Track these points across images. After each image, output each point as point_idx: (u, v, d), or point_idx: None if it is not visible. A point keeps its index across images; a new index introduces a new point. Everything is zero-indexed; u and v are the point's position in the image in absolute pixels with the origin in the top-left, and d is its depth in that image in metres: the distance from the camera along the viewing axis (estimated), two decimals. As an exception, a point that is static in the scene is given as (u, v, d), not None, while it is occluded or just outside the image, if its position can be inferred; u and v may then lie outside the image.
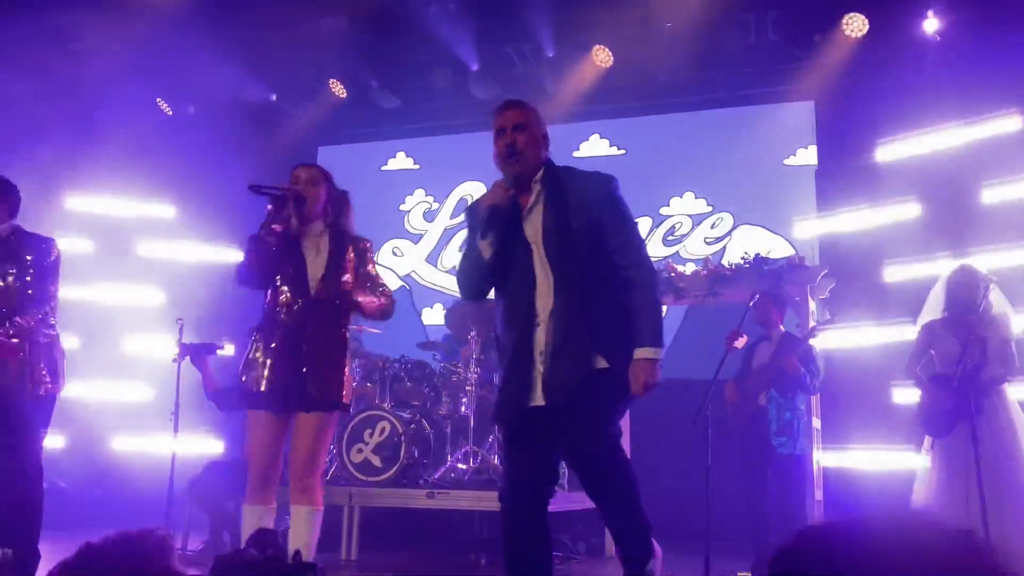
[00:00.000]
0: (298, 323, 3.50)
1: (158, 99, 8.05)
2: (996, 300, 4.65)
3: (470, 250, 3.05)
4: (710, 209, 7.77)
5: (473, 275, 3.04)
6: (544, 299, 2.89)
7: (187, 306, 6.93)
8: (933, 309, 4.87)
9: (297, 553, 2.59)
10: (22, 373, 3.70)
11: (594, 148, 8.14)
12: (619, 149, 8.19)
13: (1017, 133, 5.93)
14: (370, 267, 3.71)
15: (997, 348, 4.51)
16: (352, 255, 3.63)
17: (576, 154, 8.12)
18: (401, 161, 8.87)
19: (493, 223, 2.94)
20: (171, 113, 8.16)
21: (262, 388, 3.46)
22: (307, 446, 3.48)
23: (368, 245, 3.75)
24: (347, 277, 3.59)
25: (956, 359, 4.51)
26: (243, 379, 3.54)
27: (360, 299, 3.60)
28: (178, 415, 5.62)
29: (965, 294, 4.64)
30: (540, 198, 2.97)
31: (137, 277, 7.85)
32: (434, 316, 8.08)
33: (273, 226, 3.45)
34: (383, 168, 8.89)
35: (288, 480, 3.58)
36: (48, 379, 3.82)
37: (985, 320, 4.55)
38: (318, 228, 3.61)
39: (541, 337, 2.88)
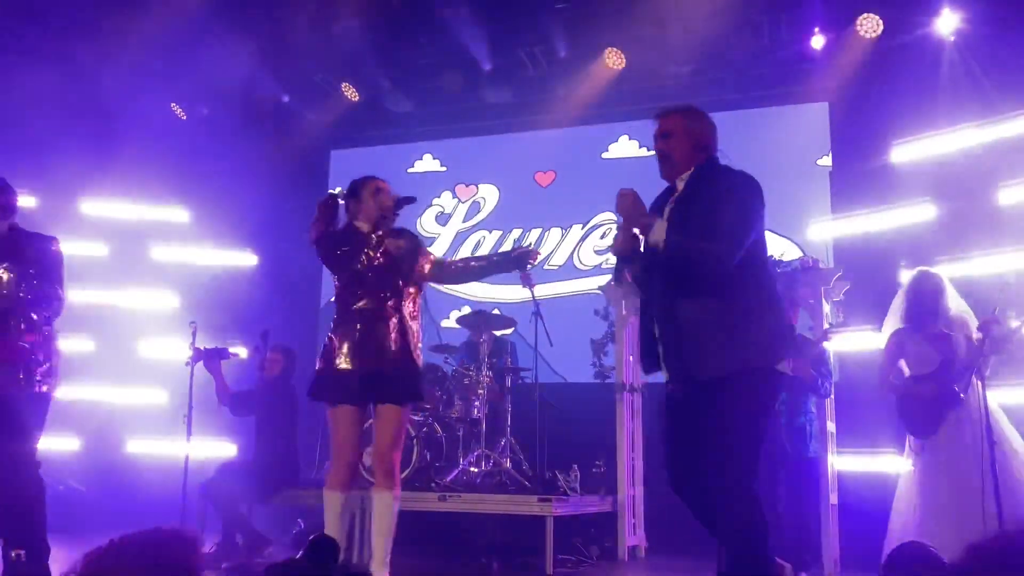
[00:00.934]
0: (374, 321, 3.73)
1: (172, 104, 8.08)
2: (955, 302, 4.73)
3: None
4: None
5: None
6: (663, 292, 3.02)
7: (200, 310, 6.96)
8: (897, 317, 4.87)
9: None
10: (20, 372, 3.69)
11: (624, 149, 8.04)
12: (649, 151, 8.11)
13: (1034, 133, 5.87)
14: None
15: (963, 346, 4.56)
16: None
17: (605, 155, 8.08)
18: (428, 163, 8.81)
19: (617, 268, 3.22)
20: (185, 118, 8.18)
21: (344, 383, 3.71)
22: (389, 433, 3.73)
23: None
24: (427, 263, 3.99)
25: (928, 361, 4.59)
26: (323, 375, 3.77)
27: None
28: (191, 418, 5.64)
29: (927, 298, 4.71)
30: (679, 195, 3.11)
31: (151, 281, 7.88)
32: (448, 319, 8.06)
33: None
34: (409, 171, 8.85)
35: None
36: (46, 379, 3.82)
37: (946, 320, 4.66)
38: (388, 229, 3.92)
39: (661, 328, 3.03)
